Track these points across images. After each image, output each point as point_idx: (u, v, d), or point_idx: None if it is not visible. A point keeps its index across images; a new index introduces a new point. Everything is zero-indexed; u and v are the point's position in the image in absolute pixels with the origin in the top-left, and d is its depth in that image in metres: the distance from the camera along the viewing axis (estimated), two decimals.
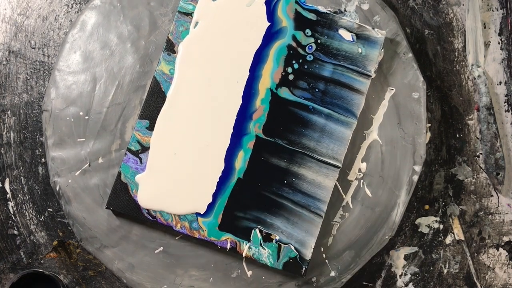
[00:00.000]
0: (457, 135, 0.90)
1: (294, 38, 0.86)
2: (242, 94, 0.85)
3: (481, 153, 0.89)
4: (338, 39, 0.86)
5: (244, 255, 0.83)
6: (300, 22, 0.86)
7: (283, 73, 0.86)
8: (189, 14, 0.87)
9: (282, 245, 0.83)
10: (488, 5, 0.91)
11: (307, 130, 0.85)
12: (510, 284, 0.89)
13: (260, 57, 0.86)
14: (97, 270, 0.88)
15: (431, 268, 0.89)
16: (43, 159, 0.89)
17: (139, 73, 0.88)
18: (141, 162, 0.84)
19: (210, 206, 0.84)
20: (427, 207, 0.89)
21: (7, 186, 0.88)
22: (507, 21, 0.90)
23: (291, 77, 0.86)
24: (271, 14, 0.87)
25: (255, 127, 0.85)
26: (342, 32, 0.86)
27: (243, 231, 0.83)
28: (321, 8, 0.87)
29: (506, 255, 0.89)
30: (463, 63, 0.90)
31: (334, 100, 0.85)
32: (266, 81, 0.86)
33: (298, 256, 0.83)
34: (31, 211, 0.88)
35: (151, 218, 0.84)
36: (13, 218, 0.88)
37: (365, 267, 0.87)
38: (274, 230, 0.84)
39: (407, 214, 0.89)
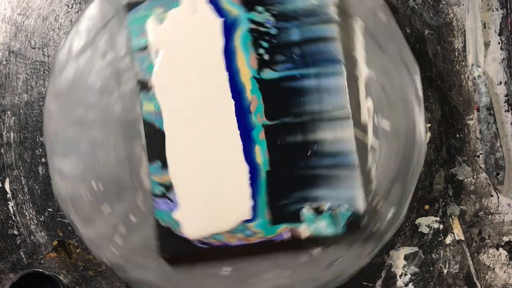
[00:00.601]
0: (457, 135, 0.90)
1: (251, 20, 0.85)
2: (230, 94, 0.85)
3: (481, 153, 0.89)
4: (289, 1, 0.85)
5: (303, 237, 0.83)
6: (248, 3, 0.85)
7: (258, 57, 0.85)
8: (145, 48, 0.84)
9: (334, 210, 0.83)
10: (488, 5, 0.91)
11: (305, 97, 0.84)
12: (510, 284, 0.89)
13: (229, 53, 0.85)
14: (97, 270, 0.88)
15: (431, 268, 0.89)
16: (43, 159, 0.89)
17: (128, 123, 0.85)
18: (171, 201, 0.83)
19: (254, 208, 0.83)
20: (427, 207, 0.89)
21: (7, 186, 0.88)
22: (507, 21, 0.90)
23: (266, 57, 0.85)
24: (218, 9, 0.85)
25: (257, 118, 0.84)
26: None
27: (294, 216, 0.83)
28: None
29: (506, 255, 0.89)
30: (463, 63, 0.90)
31: (314, 58, 0.84)
32: (246, 72, 0.85)
33: (353, 213, 0.83)
34: (31, 211, 0.88)
35: (206, 246, 0.82)
36: (13, 218, 0.88)
37: (365, 267, 0.87)
38: (321, 201, 0.83)
39: (407, 214, 0.89)
